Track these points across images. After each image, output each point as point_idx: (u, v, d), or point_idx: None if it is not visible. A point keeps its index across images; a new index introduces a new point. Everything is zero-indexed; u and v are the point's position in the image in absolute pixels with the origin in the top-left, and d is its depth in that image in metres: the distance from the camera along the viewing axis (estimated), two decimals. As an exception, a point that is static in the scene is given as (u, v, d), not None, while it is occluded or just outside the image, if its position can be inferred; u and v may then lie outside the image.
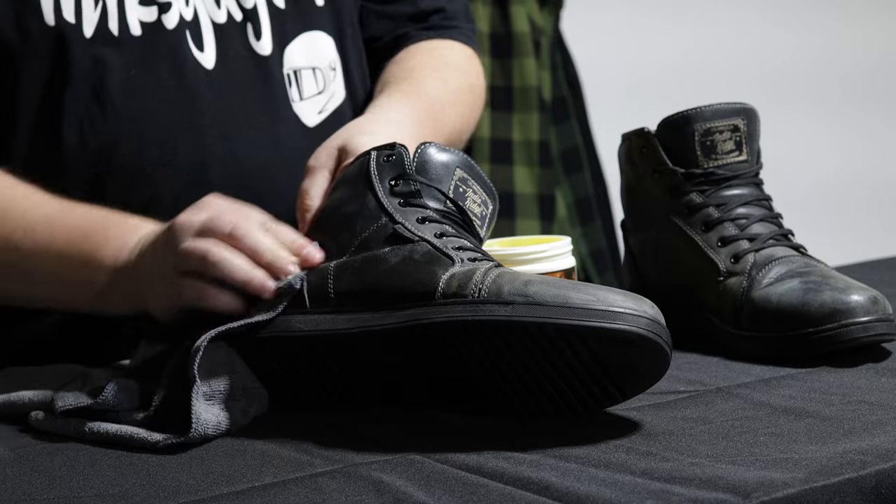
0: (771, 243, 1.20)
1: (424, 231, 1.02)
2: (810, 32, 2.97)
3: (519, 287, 0.95)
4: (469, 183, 1.07)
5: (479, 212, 1.08)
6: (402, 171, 1.06)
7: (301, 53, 1.34)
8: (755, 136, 1.25)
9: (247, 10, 1.31)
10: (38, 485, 0.93)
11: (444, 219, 1.04)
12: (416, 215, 1.04)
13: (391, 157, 1.06)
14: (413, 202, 1.04)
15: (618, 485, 0.84)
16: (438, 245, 1.01)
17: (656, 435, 0.94)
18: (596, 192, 2.29)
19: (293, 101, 1.32)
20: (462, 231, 1.05)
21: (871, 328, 1.11)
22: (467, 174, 1.07)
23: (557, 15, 2.28)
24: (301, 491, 0.87)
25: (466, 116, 1.41)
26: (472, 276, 0.97)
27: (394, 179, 1.05)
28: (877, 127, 3.05)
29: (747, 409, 1.00)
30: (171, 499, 0.88)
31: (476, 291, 0.96)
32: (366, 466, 0.91)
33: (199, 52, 1.28)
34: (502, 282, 0.96)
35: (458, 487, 0.86)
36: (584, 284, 0.96)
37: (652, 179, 1.26)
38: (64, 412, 1.04)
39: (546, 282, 0.95)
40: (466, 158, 1.08)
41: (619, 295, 0.94)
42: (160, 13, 1.27)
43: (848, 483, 0.83)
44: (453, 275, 0.98)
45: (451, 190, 1.06)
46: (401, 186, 1.05)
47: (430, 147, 1.07)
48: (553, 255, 1.21)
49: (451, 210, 1.05)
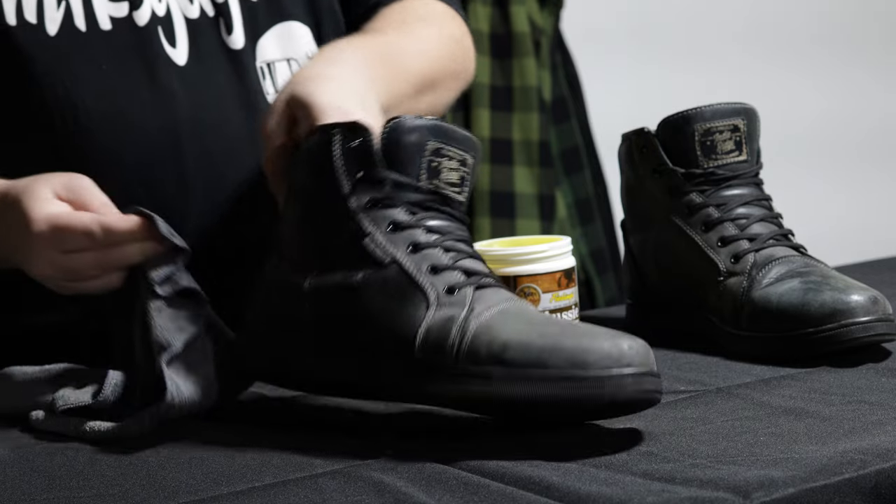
0: (771, 243, 1.20)
1: (397, 245, 0.99)
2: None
3: (496, 352, 0.92)
4: (443, 151, 1.01)
5: (456, 177, 1.02)
6: (369, 163, 1.00)
7: (274, 46, 1.31)
8: (755, 136, 1.25)
9: (218, 4, 1.29)
10: (37, 485, 0.93)
11: (417, 211, 1.00)
12: (387, 221, 0.99)
13: (355, 144, 1.00)
14: (383, 203, 1.00)
15: (618, 485, 0.84)
16: (411, 271, 0.97)
17: (656, 435, 0.94)
18: (596, 192, 2.29)
19: (268, 94, 1.30)
20: (439, 219, 1.00)
21: (871, 328, 1.11)
22: (440, 142, 1.01)
23: (557, 15, 2.28)
24: (301, 491, 0.87)
25: (442, 60, 1.35)
26: (449, 333, 0.94)
27: (361, 172, 1.00)
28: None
29: (747, 409, 1.00)
30: (171, 499, 0.88)
31: (453, 354, 0.93)
32: (366, 467, 0.91)
33: (172, 48, 1.26)
34: (479, 344, 0.93)
35: (459, 488, 0.86)
36: (566, 335, 0.92)
37: (652, 179, 1.26)
38: (64, 411, 1.05)
39: (523, 342, 0.92)
40: (436, 124, 1.01)
41: (602, 346, 0.91)
42: (131, 9, 1.25)
43: (848, 483, 0.83)
44: (429, 329, 0.95)
45: (425, 170, 1.00)
46: (368, 183, 1.00)
47: (397, 125, 1.00)
48: (553, 255, 1.21)
49: (426, 197, 1.01)
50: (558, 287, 1.20)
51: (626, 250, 1.35)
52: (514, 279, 1.20)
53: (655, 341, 1.12)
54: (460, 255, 1.00)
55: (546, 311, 1.19)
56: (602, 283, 2.23)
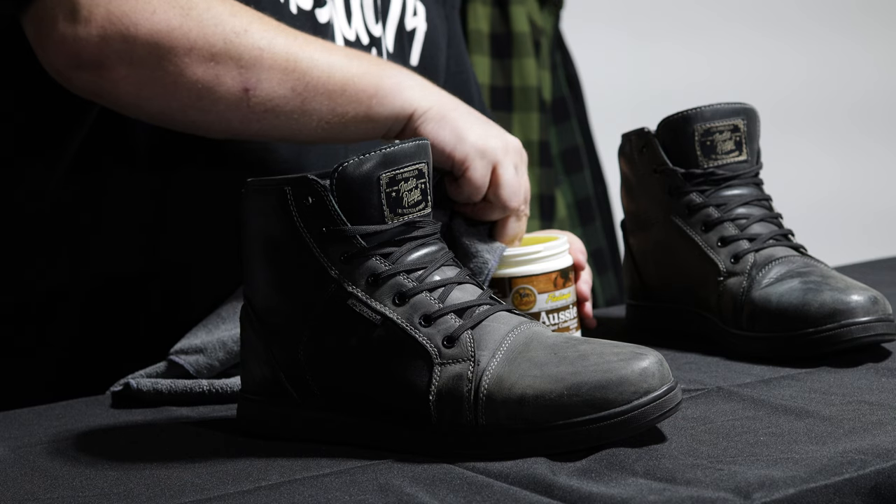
0: (771, 243, 1.20)
1: (382, 300, 0.96)
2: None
3: (514, 409, 0.91)
4: (398, 174, 0.97)
5: (418, 194, 0.98)
6: (329, 219, 0.96)
7: None
8: (755, 136, 1.25)
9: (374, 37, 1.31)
10: (40, 484, 0.93)
11: (391, 251, 0.97)
12: (366, 275, 0.96)
13: (310, 200, 0.96)
14: (357, 258, 0.96)
15: (620, 484, 0.84)
16: (405, 328, 0.95)
17: (657, 434, 0.94)
18: (596, 192, 2.29)
19: None
20: (415, 250, 0.98)
21: (871, 328, 1.11)
22: (392, 170, 0.97)
23: (557, 15, 2.28)
24: (306, 491, 0.87)
25: None
26: (462, 399, 0.92)
27: (324, 227, 0.96)
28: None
29: (747, 409, 1.00)
30: (176, 498, 0.88)
31: (472, 421, 0.92)
32: (371, 467, 0.91)
33: None
34: (496, 404, 0.92)
35: (463, 487, 0.86)
36: (580, 365, 0.92)
37: (652, 179, 1.26)
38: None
39: (539, 394, 0.91)
40: (384, 155, 0.97)
41: (622, 373, 0.90)
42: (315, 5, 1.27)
43: (848, 483, 0.83)
44: (440, 394, 0.93)
45: (386, 205, 0.96)
46: (336, 240, 0.96)
47: (343, 174, 0.96)
48: (548, 256, 1.21)
49: (396, 232, 0.97)
50: (554, 287, 1.20)
51: (626, 250, 1.35)
52: (510, 280, 1.19)
53: (655, 341, 1.13)
54: (448, 288, 0.97)
55: (542, 311, 1.19)
56: (602, 283, 2.24)
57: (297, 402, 0.99)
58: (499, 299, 1.00)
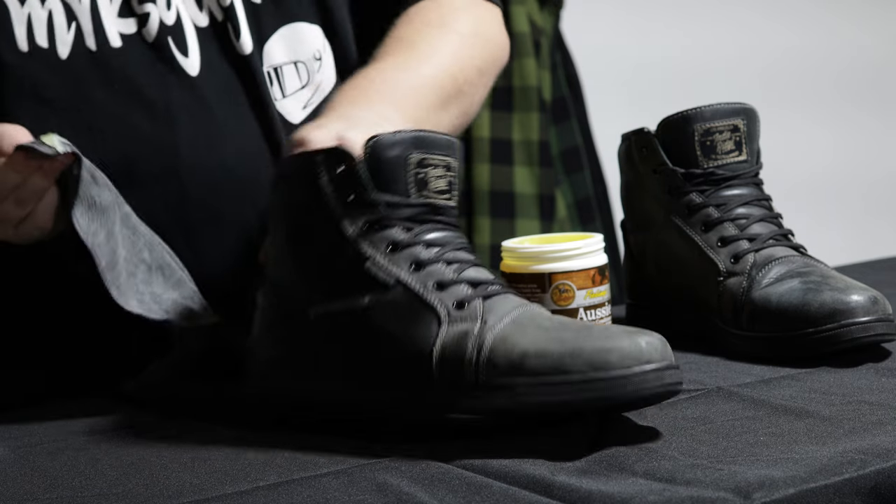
0: (771, 243, 1.20)
1: (399, 265, 0.98)
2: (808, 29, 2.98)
3: (516, 363, 0.93)
4: (427, 161, 1.01)
5: (444, 183, 1.02)
6: (357, 187, 0.99)
7: (280, 48, 1.29)
8: (755, 137, 1.25)
9: (225, 7, 1.27)
10: (39, 484, 0.93)
11: (413, 226, 1.00)
12: (385, 242, 0.99)
13: (341, 170, 1.00)
14: (378, 225, 0.99)
15: (619, 484, 0.84)
16: (418, 291, 0.98)
17: (657, 435, 0.94)
18: (596, 192, 2.29)
19: (276, 99, 1.28)
20: (435, 231, 1.00)
21: (871, 328, 1.11)
22: (422, 153, 1.00)
23: (557, 15, 2.28)
24: (304, 491, 0.87)
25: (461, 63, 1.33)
26: (465, 351, 0.94)
27: (351, 196, 1.00)
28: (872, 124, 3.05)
29: (747, 409, 1.00)
30: (174, 498, 0.88)
31: (472, 374, 0.94)
32: (369, 467, 0.91)
33: (184, 57, 1.24)
34: (497, 358, 0.93)
35: (462, 487, 0.86)
36: (583, 337, 0.93)
37: (652, 179, 1.26)
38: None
39: (541, 351, 0.93)
40: (416, 136, 1.01)
41: (621, 345, 0.92)
42: (139, 25, 1.23)
43: (848, 483, 0.83)
44: (444, 347, 0.95)
45: (412, 184, 1.00)
46: (361, 208, 0.99)
47: (377, 144, 1.00)
48: (587, 252, 1.21)
49: (419, 210, 1.00)
50: (592, 284, 1.21)
51: (626, 250, 1.35)
52: (549, 276, 1.19)
53: (656, 341, 1.12)
54: (463, 265, 1.00)
55: (581, 307, 1.19)
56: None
57: (306, 370, 1.01)
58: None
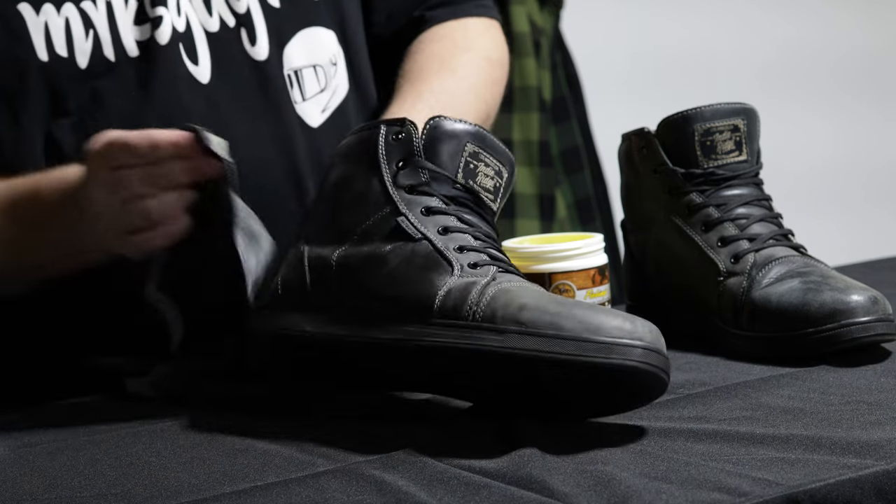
0: (771, 243, 1.20)
1: (428, 226, 1.02)
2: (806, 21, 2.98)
3: (513, 313, 0.95)
4: (481, 156, 1.05)
5: (491, 185, 1.06)
6: (409, 153, 1.04)
7: (300, 52, 1.31)
8: (755, 136, 1.25)
9: (239, 14, 1.28)
10: (38, 485, 0.93)
11: (451, 204, 1.03)
12: (422, 205, 1.03)
13: (400, 136, 1.04)
14: (419, 190, 1.03)
15: (617, 484, 0.84)
16: (439, 246, 1.01)
17: (655, 434, 0.94)
18: (596, 192, 2.29)
19: (295, 102, 1.30)
20: (471, 215, 1.04)
21: (871, 328, 1.11)
22: (478, 147, 1.05)
23: (557, 15, 2.28)
24: (303, 490, 0.87)
25: (487, 86, 1.39)
26: (469, 294, 0.97)
27: (401, 161, 1.04)
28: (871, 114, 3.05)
29: (747, 409, 1.00)
30: (173, 498, 0.88)
31: (470, 314, 0.96)
32: (368, 466, 0.91)
33: (194, 65, 1.25)
34: (497, 305, 0.96)
35: (460, 487, 0.86)
36: (581, 308, 0.95)
37: (652, 179, 1.26)
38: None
39: (540, 306, 0.95)
40: (478, 131, 1.05)
41: (615, 320, 0.93)
42: (153, 29, 1.24)
43: (848, 483, 0.83)
44: (450, 290, 0.98)
45: (461, 168, 1.04)
46: (408, 171, 1.04)
47: (439, 123, 1.04)
48: (587, 252, 1.21)
49: (461, 193, 1.04)
50: (592, 284, 1.21)
51: (626, 250, 1.35)
52: (549, 276, 1.20)
53: (656, 341, 1.12)
54: (487, 244, 1.02)
55: None
56: (602, 283, 2.23)
57: (310, 298, 1.03)
58: None
